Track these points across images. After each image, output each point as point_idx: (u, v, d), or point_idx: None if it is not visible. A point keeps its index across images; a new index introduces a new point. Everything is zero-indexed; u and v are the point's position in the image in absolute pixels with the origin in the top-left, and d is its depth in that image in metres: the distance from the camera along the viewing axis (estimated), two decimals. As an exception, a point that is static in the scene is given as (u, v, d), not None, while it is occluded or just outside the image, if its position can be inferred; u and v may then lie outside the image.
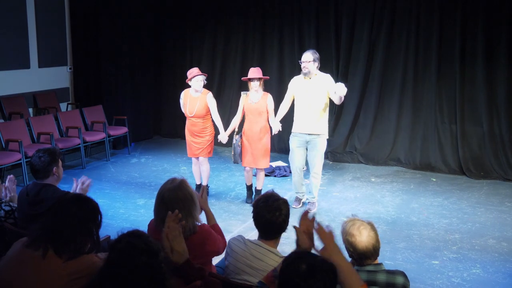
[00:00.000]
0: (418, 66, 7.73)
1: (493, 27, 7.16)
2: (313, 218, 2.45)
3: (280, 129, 5.71)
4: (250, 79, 5.84)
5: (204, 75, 6.13)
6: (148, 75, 9.66)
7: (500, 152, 7.30)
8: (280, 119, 5.85)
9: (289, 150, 6.00)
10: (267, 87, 8.80)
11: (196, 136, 6.13)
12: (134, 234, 2.08)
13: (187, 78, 6.08)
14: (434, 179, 7.29)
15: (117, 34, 8.95)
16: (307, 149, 5.79)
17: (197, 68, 6.22)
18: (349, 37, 8.14)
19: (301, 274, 1.87)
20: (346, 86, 5.39)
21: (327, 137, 5.83)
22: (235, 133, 6.11)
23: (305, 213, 2.49)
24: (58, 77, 9.21)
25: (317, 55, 5.62)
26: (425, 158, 7.73)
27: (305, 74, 5.64)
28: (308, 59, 5.57)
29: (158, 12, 9.66)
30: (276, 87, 8.74)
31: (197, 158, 6.26)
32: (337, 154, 8.22)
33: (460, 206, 6.18)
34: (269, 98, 5.86)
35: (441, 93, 7.64)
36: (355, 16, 8.05)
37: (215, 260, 3.22)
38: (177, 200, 2.77)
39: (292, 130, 5.85)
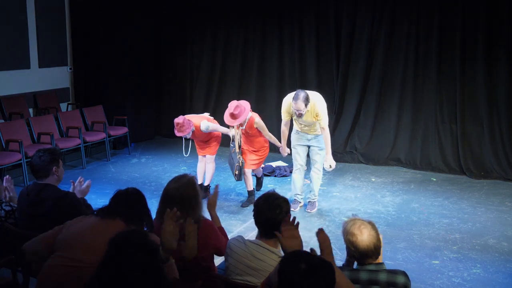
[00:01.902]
0: (418, 66, 7.73)
1: (493, 27, 7.16)
2: (297, 223, 2.47)
3: (289, 152, 5.91)
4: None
5: (189, 131, 5.84)
6: (148, 75, 9.64)
7: (500, 152, 7.29)
8: (285, 142, 5.91)
9: (289, 150, 6.01)
10: (267, 88, 8.87)
11: (203, 142, 6.24)
12: (133, 232, 2.09)
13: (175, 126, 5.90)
14: (434, 179, 7.29)
15: (117, 33, 8.94)
16: (308, 147, 5.80)
17: (181, 121, 5.79)
18: (349, 37, 8.14)
19: (301, 273, 1.87)
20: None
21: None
22: (237, 153, 5.91)
23: (287, 219, 2.51)
24: (58, 77, 9.21)
25: (306, 96, 5.36)
26: (425, 158, 7.73)
27: (298, 117, 5.53)
28: (301, 109, 5.34)
29: (159, 11, 9.65)
30: (276, 87, 8.75)
31: (204, 156, 6.29)
32: (338, 154, 8.20)
33: (460, 206, 6.18)
34: (256, 123, 5.76)
35: (441, 93, 7.64)
36: (355, 16, 8.05)
37: (217, 262, 3.22)
38: (180, 198, 2.82)
39: (294, 128, 5.85)
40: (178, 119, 5.83)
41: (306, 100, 5.34)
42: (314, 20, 8.38)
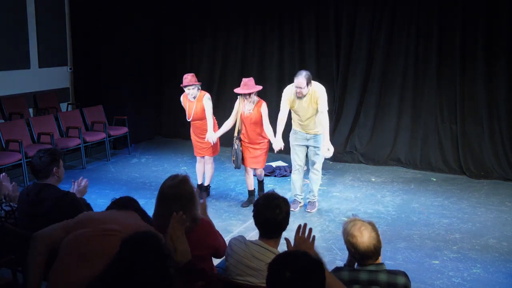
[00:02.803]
0: (418, 66, 7.74)
1: (493, 27, 7.17)
2: (313, 236, 2.52)
3: (282, 148, 5.63)
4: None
5: (196, 84, 5.99)
6: (148, 75, 9.65)
7: (500, 152, 7.30)
8: (281, 133, 5.69)
9: (289, 150, 5.99)
10: (267, 88, 8.87)
11: (201, 137, 6.16)
12: (147, 234, 2.09)
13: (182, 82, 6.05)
14: (434, 179, 7.29)
15: (117, 33, 8.94)
16: (307, 147, 5.79)
17: (191, 74, 6.07)
18: (349, 36, 8.14)
19: (287, 282, 1.88)
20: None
21: None
22: (235, 138, 6.01)
23: (303, 228, 2.52)
24: (58, 77, 9.21)
25: (308, 75, 5.46)
26: (425, 158, 7.73)
27: (298, 98, 5.57)
28: (302, 85, 5.43)
29: (159, 11, 9.66)
30: (276, 87, 8.74)
31: (202, 157, 6.27)
32: (338, 154, 8.19)
33: (460, 206, 6.18)
34: (262, 107, 5.77)
35: (441, 93, 7.65)
36: (355, 16, 8.05)
37: (215, 262, 3.22)
38: (175, 197, 2.82)
39: (292, 127, 5.85)
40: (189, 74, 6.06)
41: (308, 78, 5.42)
42: (314, 20, 8.38)
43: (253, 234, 4.79)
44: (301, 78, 5.42)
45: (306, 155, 5.87)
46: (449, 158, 7.59)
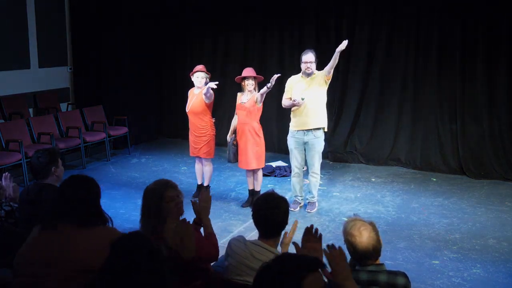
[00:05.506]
0: (418, 66, 7.73)
1: (494, 27, 7.16)
2: (320, 235, 2.51)
3: (301, 99, 5.61)
4: (245, 78, 5.86)
5: (207, 74, 6.14)
6: (148, 75, 9.65)
7: (500, 152, 7.29)
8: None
9: (289, 150, 6.00)
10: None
11: (195, 135, 6.16)
12: (135, 235, 2.09)
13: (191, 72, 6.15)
14: (434, 179, 7.29)
15: (117, 33, 8.95)
16: (305, 148, 5.79)
17: (202, 65, 6.22)
18: (349, 36, 8.12)
19: None
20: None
21: (325, 130, 5.82)
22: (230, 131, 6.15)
23: (309, 229, 2.52)
24: (58, 77, 9.22)
25: (316, 54, 5.67)
26: (425, 158, 7.73)
27: (308, 75, 5.64)
28: (312, 59, 5.61)
29: (159, 11, 9.65)
30: (276, 87, 8.71)
31: (199, 158, 6.26)
32: (338, 154, 8.21)
33: (460, 206, 6.18)
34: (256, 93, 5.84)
35: (441, 93, 7.64)
36: (355, 16, 8.05)
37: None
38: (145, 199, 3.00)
39: (290, 129, 5.84)
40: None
41: (315, 56, 5.61)
42: (314, 21, 8.37)
43: (253, 234, 4.79)
44: (310, 53, 5.64)
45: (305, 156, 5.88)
46: (449, 158, 7.58)
